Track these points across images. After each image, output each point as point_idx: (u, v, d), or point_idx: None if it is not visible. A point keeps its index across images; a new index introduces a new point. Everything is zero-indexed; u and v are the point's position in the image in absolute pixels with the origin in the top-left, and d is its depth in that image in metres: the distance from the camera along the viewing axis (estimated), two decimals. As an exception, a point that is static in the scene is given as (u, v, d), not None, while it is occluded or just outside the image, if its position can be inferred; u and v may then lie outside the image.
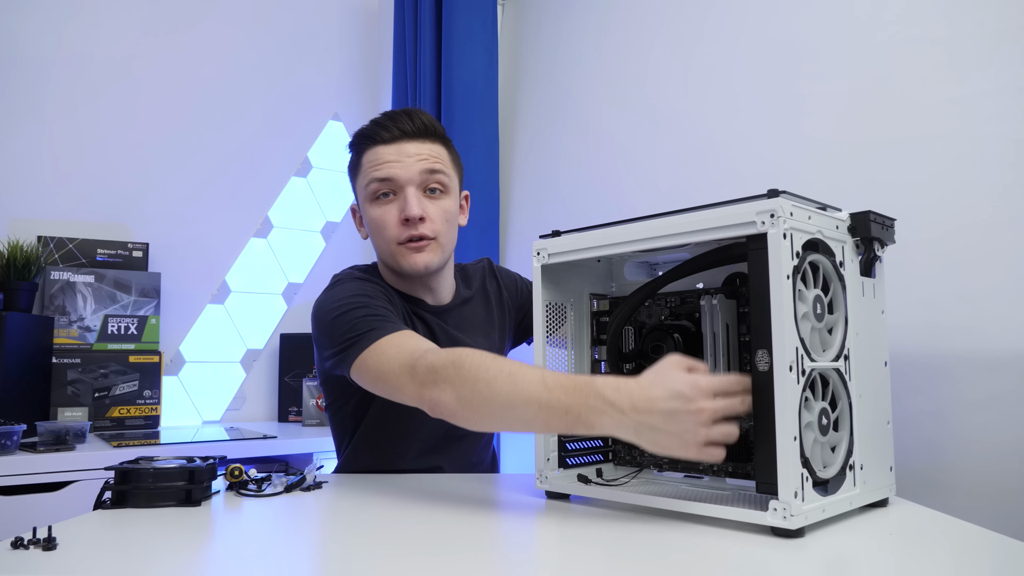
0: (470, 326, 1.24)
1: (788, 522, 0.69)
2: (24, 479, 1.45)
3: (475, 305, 1.27)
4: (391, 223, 1.12)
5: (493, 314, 1.28)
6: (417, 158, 1.11)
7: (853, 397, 0.80)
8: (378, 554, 0.68)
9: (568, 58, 2.03)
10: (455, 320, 1.23)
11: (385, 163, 1.11)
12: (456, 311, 1.23)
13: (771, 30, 1.47)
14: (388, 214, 1.12)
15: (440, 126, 1.16)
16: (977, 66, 1.13)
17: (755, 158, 1.47)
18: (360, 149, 1.15)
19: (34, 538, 0.66)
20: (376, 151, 1.12)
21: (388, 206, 1.12)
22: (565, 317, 0.99)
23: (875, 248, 0.84)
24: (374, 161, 1.12)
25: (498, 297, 1.31)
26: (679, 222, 0.80)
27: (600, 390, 0.76)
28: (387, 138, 1.12)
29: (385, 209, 1.12)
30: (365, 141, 1.14)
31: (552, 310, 0.97)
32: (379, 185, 1.11)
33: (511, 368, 0.83)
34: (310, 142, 2.48)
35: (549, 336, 0.96)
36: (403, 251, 1.12)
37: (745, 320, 0.86)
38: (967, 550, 0.70)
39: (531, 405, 0.79)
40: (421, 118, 1.13)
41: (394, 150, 1.11)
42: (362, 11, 2.63)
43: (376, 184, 1.11)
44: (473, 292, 1.28)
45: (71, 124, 2.07)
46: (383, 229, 1.13)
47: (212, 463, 0.91)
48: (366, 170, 1.13)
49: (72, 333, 1.88)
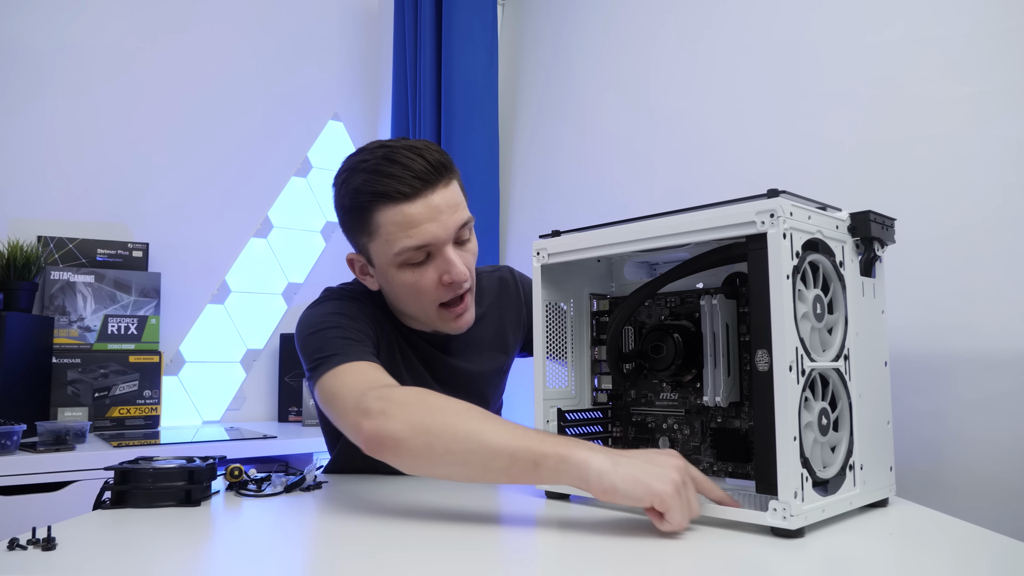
0: (476, 349, 1.17)
1: (788, 522, 0.69)
2: (24, 479, 1.45)
3: (485, 325, 1.18)
4: (430, 287, 1.00)
5: (505, 332, 1.21)
6: (449, 213, 0.98)
7: (853, 397, 0.80)
8: (378, 554, 0.68)
9: (568, 58, 2.03)
10: (458, 345, 1.15)
11: (417, 227, 0.96)
12: (461, 336, 1.13)
13: (771, 30, 1.47)
14: (426, 280, 1.00)
15: (448, 157, 1.03)
16: (977, 66, 1.13)
17: (755, 158, 1.47)
18: (368, 206, 0.98)
19: (34, 538, 0.66)
20: (400, 211, 0.96)
21: (424, 269, 1.00)
22: (564, 321, 0.99)
23: (875, 248, 0.84)
24: (402, 224, 0.96)
25: (516, 314, 1.22)
26: (679, 222, 0.80)
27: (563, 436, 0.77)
28: (409, 194, 0.96)
29: (421, 273, 1.00)
30: (379, 199, 0.97)
31: (551, 310, 0.97)
32: (415, 252, 0.98)
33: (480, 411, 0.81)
34: (310, 142, 2.48)
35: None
36: (444, 315, 1.04)
37: (745, 320, 0.86)
38: (967, 550, 0.70)
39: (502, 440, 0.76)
40: (431, 154, 0.99)
41: (422, 208, 0.96)
42: (362, 11, 2.63)
43: (411, 252, 0.98)
44: (485, 309, 1.18)
45: (71, 124, 2.07)
46: (421, 295, 1.01)
47: (212, 463, 0.91)
48: (391, 233, 0.97)
49: (72, 333, 1.88)
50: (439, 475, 0.81)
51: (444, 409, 0.81)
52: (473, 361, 1.17)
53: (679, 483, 0.71)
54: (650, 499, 0.70)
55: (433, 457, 0.79)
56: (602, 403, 0.99)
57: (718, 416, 0.88)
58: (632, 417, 0.97)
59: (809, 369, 0.73)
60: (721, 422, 0.88)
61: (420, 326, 1.11)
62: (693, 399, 0.91)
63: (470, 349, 1.17)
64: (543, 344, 0.94)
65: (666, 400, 0.94)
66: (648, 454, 0.75)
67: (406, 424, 0.79)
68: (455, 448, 0.77)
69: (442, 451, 0.78)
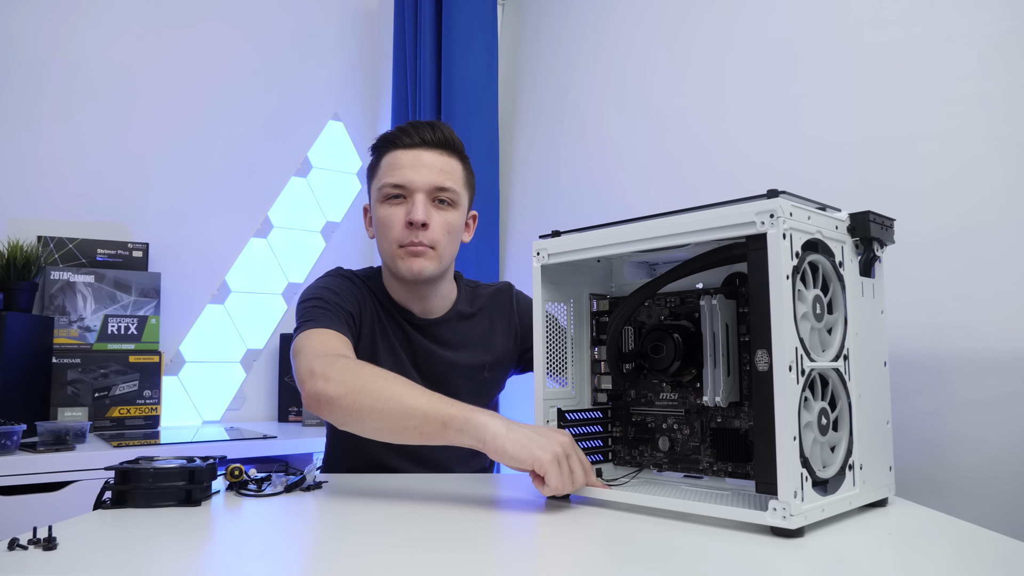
0: (460, 342, 1.25)
1: (788, 522, 0.69)
2: (24, 479, 1.45)
3: (474, 324, 1.28)
4: (396, 224, 1.16)
5: (494, 338, 1.29)
6: (432, 169, 1.16)
7: (852, 397, 0.80)
8: (378, 554, 0.68)
9: (568, 58, 2.03)
10: (442, 333, 1.24)
11: (401, 168, 1.15)
12: (447, 325, 1.25)
13: (770, 31, 1.47)
14: (395, 215, 1.16)
15: (460, 142, 1.21)
16: (977, 66, 1.13)
17: (755, 158, 1.47)
18: (381, 152, 1.20)
19: (34, 538, 0.66)
20: (395, 155, 1.16)
21: (396, 208, 1.16)
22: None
23: (874, 248, 0.84)
24: (391, 164, 1.16)
25: (507, 321, 1.31)
26: (679, 222, 0.80)
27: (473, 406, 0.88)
28: (407, 144, 1.16)
29: (393, 210, 1.16)
30: (386, 144, 1.18)
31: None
32: (392, 188, 1.16)
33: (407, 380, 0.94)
34: (310, 142, 2.48)
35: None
36: (402, 253, 1.16)
37: (745, 320, 0.86)
38: (967, 550, 0.70)
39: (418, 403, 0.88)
40: (443, 131, 1.18)
41: (411, 156, 1.15)
42: (362, 11, 2.63)
43: (389, 187, 1.16)
44: (476, 311, 1.29)
45: (71, 124, 2.07)
46: (388, 229, 1.16)
47: (212, 463, 0.91)
48: (383, 171, 1.18)
49: (72, 333, 1.89)
50: (365, 431, 0.93)
51: (376, 375, 0.94)
52: (454, 352, 1.24)
53: (560, 454, 0.82)
54: (532, 463, 0.81)
55: (360, 413, 0.91)
56: (602, 403, 0.99)
57: (718, 416, 0.88)
58: (632, 417, 0.97)
59: (809, 369, 0.73)
60: (721, 422, 0.88)
61: (405, 300, 1.23)
62: (693, 399, 0.91)
63: (453, 339, 1.25)
64: (543, 344, 0.94)
65: (666, 400, 0.94)
66: (541, 428, 0.87)
67: (341, 385, 0.93)
68: (379, 407, 0.90)
69: (368, 408, 0.90)
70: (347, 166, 2.56)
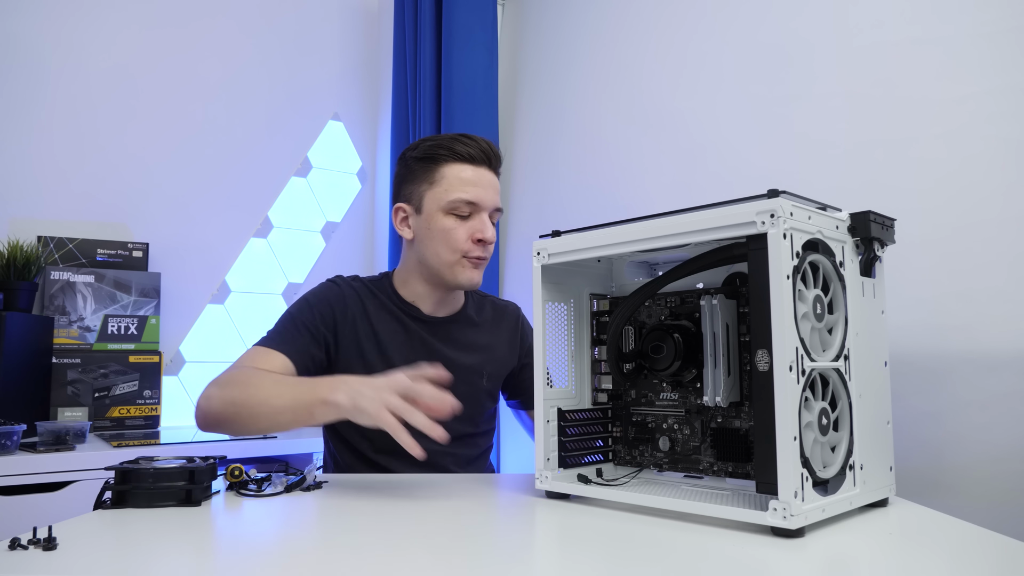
0: (463, 344, 1.28)
1: (788, 522, 0.69)
2: (24, 479, 1.45)
3: (479, 331, 1.31)
4: (462, 237, 1.19)
5: (496, 349, 1.32)
6: (495, 190, 1.21)
7: (853, 397, 0.80)
8: (378, 554, 0.68)
9: (567, 58, 2.03)
10: (448, 332, 1.27)
11: (473, 185, 1.18)
12: (453, 325, 1.28)
13: (767, 32, 1.47)
14: (462, 229, 1.18)
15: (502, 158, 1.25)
16: (977, 66, 1.13)
17: (753, 159, 1.47)
18: (441, 158, 1.20)
19: (34, 538, 0.66)
20: (464, 168, 1.19)
21: (464, 222, 1.19)
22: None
23: (875, 248, 0.84)
24: (461, 178, 1.18)
25: (511, 336, 1.35)
26: (679, 222, 0.80)
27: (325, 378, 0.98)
28: (476, 159, 1.19)
29: (460, 224, 1.19)
30: (450, 154, 1.19)
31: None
32: (464, 205, 1.18)
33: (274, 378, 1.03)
34: (310, 142, 2.48)
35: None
36: (464, 264, 1.20)
37: (745, 320, 0.86)
38: (967, 550, 0.70)
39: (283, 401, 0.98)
40: (494, 147, 1.23)
41: (480, 175, 1.19)
42: (362, 11, 2.63)
43: (462, 203, 1.18)
44: (481, 320, 1.33)
45: (71, 124, 2.07)
46: (452, 240, 1.19)
47: (212, 463, 0.91)
48: (450, 183, 1.18)
49: (72, 333, 1.88)
50: (249, 433, 1.06)
51: (248, 383, 1.03)
52: (455, 351, 1.27)
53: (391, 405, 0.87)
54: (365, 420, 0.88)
55: (240, 422, 1.02)
56: (602, 403, 0.99)
57: (718, 416, 0.88)
58: (632, 417, 0.97)
59: (809, 369, 0.73)
60: (721, 422, 0.88)
61: (417, 299, 1.25)
62: (693, 399, 0.91)
63: (459, 340, 1.28)
64: (543, 345, 0.94)
65: (666, 400, 0.94)
66: (372, 379, 0.92)
67: (218, 402, 1.04)
68: (254, 413, 1.00)
69: (245, 416, 1.01)
70: (347, 166, 2.56)
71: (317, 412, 0.94)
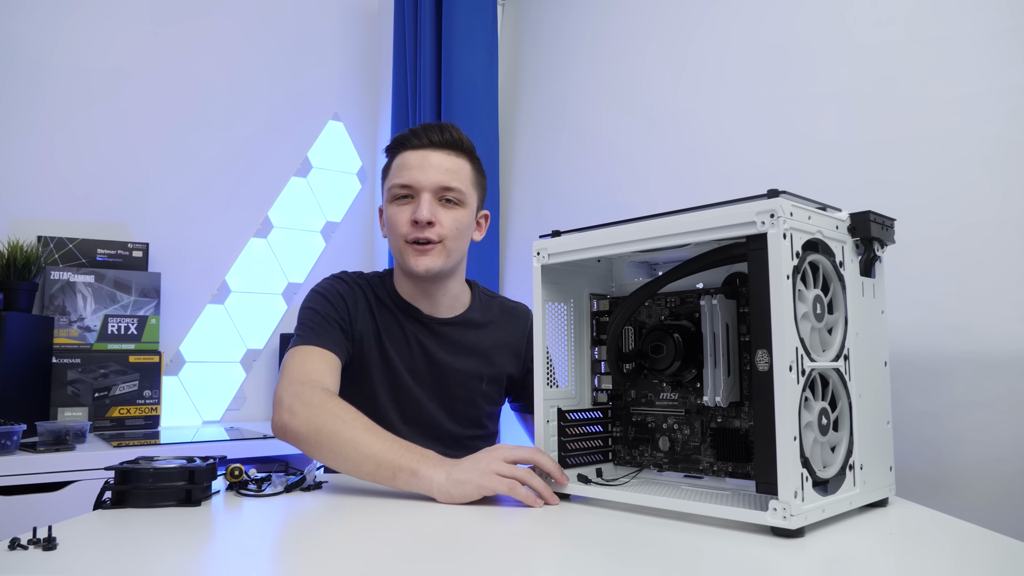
0: (462, 348, 1.26)
1: (788, 522, 0.69)
2: (24, 479, 1.45)
3: (483, 334, 1.29)
4: (403, 222, 1.19)
5: (499, 353, 1.30)
6: (438, 169, 1.19)
7: (853, 397, 0.80)
8: (378, 554, 0.68)
9: (567, 58, 2.03)
10: (450, 334, 1.26)
11: (409, 168, 1.19)
12: (454, 328, 1.26)
13: (768, 31, 1.47)
14: (402, 214, 1.19)
15: (468, 142, 1.24)
16: (977, 66, 1.13)
17: (753, 158, 1.47)
18: (392, 153, 1.24)
19: (34, 538, 0.66)
20: (404, 156, 1.20)
21: (404, 207, 1.20)
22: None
23: (875, 248, 0.84)
24: (400, 165, 1.20)
25: (517, 341, 1.33)
26: (679, 222, 0.80)
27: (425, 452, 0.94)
28: (415, 145, 1.20)
29: (401, 209, 1.20)
30: (397, 147, 1.23)
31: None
32: (400, 188, 1.19)
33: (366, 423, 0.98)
34: (310, 142, 2.48)
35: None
36: (409, 250, 1.19)
37: (745, 320, 0.86)
38: (967, 550, 0.70)
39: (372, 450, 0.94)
40: (451, 132, 1.21)
41: (419, 157, 1.19)
42: (362, 11, 2.63)
43: (397, 187, 1.19)
44: (487, 322, 1.31)
45: (71, 124, 2.07)
46: (395, 227, 1.20)
47: (212, 463, 0.91)
48: (393, 172, 1.22)
49: (72, 333, 1.88)
50: (325, 463, 1.00)
51: (336, 416, 0.99)
52: (455, 357, 1.25)
53: (502, 471, 0.88)
54: (481, 493, 0.87)
55: (320, 452, 0.99)
56: (602, 403, 0.99)
57: (718, 416, 0.88)
58: (632, 417, 0.97)
59: (809, 369, 0.73)
60: (721, 422, 0.88)
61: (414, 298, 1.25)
62: (693, 399, 0.91)
63: (459, 343, 1.26)
64: (543, 345, 0.94)
65: (666, 400, 0.94)
66: (475, 457, 0.91)
67: (304, 422, 1.00)
68: (336, 449, 0.96)
69: (327, 449, 0.97)
70: (347, 166, 2.56)
71: (401, 479, 0.91)
